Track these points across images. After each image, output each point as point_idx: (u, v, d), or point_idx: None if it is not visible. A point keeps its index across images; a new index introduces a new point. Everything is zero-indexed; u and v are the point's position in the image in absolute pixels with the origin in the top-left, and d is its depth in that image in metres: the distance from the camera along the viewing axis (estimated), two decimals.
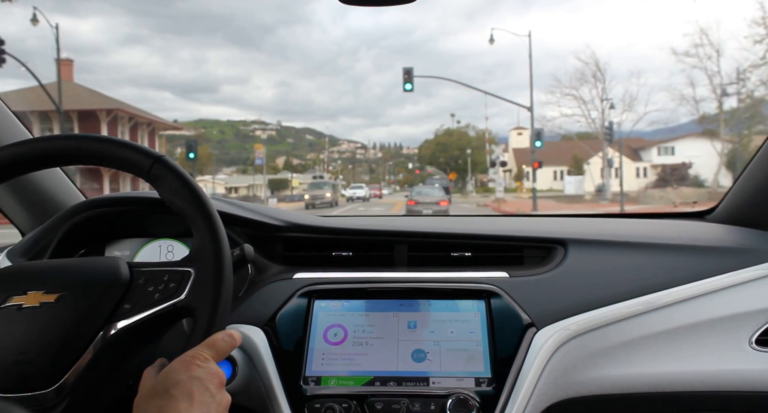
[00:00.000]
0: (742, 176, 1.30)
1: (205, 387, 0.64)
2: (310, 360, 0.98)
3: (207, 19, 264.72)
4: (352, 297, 1.06)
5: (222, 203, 1.18)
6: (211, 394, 0.64)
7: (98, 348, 0.73)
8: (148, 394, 0.64)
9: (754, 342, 1.00)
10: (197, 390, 0.63)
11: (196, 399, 0.62)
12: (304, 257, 1.21)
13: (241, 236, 1.15)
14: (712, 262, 1.08)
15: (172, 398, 0.62)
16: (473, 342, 0.98)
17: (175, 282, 0.77)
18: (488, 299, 1.03)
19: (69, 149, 0.81)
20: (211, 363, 0.69)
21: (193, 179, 0.81)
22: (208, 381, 0.65)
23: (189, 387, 0.63)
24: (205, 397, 0.63)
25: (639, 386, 0.99)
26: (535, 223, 1.34)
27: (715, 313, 1.02)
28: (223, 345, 0.72)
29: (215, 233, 0.78)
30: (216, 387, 0.66)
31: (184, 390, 0.63)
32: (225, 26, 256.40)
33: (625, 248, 1.13)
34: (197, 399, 0.63)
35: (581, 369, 0.99)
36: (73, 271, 0.80)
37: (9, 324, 0.73)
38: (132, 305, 0.76)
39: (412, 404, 0.91)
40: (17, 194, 1.29)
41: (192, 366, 0.66)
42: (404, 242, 1.19)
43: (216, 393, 0.65)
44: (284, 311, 1.03)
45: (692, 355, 1.00)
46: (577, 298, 1.02)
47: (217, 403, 0.64)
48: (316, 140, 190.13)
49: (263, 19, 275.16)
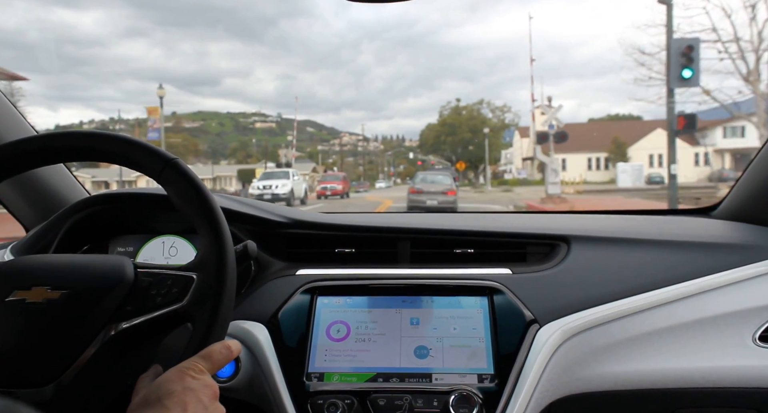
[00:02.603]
0: (747, 172, 1.30)
1: (198, 398, 0.64)
2: (312, 357, 0.98)
3: (208, 11, 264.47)
4: (355, 294, 1.06)
5: (225, 200, 1.19)
6: (204, 406, 0.64)
7: (98, 347, 0.73)
8: (140, 403, 0.64)
9: (758, 339, 1.00)
10: (191, 402, 0.63)
11: (189, 411, 0.62)
12: (307, 254, 1.21)
13: (244, 233, 1.15)
14: (715, 258, 1.08)
15: (164, 408, 0.62)
16: (476, 339, 0.99)
17: (178, 287, 0.76)
18: (491, 295, 1.03)
19: (82, 147, 0.81)
20: (206, 375, 0.69)
21: (204, 184, 0.80)
22: (202, 393, 0.65)
23: (182, 398, 0.63)
24: (198, 409, 0.63)
25: (642, 382, 0.99)
26: (538, 220, 1.34)
27: (719, 310, 1.02)
28: (220, 357, 0.72)
29: (221, 243, 0.77)
30: (209, 399, 0.66)
31: (178, 401, 0.63)
32: (227, 18, 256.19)
33: (628, 244, 1.13)
34: (190, 410, 0.63)
35: (584, 365, 0.99)
36: (79, 269, 0.79)
37: (11, 318, 0.73)
38: (134, 308, 0.76)
39: (415, 400, 0.92)
40: (22, 190, 1.29)
41: (186, 377, 0.66)
42: (407, 239, 1.20)
43: (209, 405, 0.65)
44: (287, 307, 1.03)
45: (695, 352, 1.00)
46: (580, 295, 1.02)
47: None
48: (317, 132, 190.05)
49: (265, 11, 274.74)
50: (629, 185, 27.16)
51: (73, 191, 1.37)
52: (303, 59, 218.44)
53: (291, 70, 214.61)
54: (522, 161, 51.81)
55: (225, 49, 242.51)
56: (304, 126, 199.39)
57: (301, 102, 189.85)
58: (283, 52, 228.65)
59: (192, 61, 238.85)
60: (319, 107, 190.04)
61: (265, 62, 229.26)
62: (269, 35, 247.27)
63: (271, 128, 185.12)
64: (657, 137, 33.18)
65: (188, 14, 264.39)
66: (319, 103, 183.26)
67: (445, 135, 54.36)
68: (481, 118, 53.72)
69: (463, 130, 52.63)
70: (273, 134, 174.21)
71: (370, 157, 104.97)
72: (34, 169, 0.83)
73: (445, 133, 54.35)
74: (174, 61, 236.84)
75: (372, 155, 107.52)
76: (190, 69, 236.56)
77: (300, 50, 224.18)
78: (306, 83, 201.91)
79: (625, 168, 30.06)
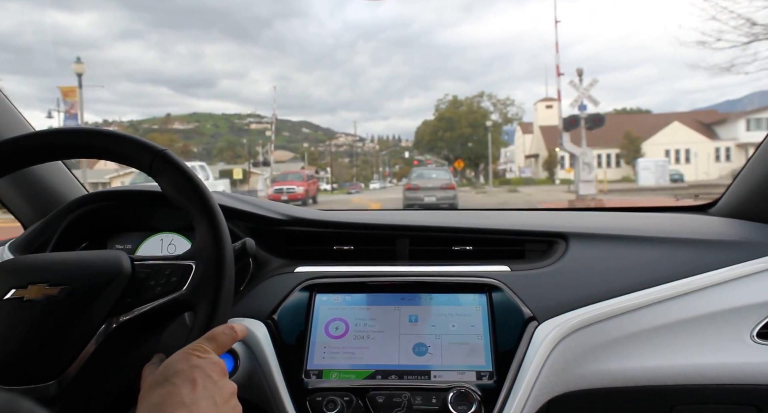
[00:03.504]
0: (745, 168, 1.30)
1: (206, 374, 0.64)
2: (311, 354, 0.98)
3: (203, 13, 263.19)
4: (354, 291, 1.06)
5: (223, 197, 1.18)
6: (213, 381, 0.64)
7: (100, 341, 0.73)
8: (149, 387, 0.64)
9: (756, 335, 1.00)
10: (199, 377, 0.63)
11: (199, 385, 0.62)
12: (305, 251, 1.21)
13: (242, 230, 1.15)
14: (713, 255, 1.08)
15: (174, 386, 0.62)
16: (474, 336, 0.99)
17: (176, 276, 0.77)
18: (489, 293, 1.03)
19: (72, 143, 0.81)
20: (212, 354, 0.69)
21: (195, 173, 0.81)
22: (210, 370, 0.65)
23: (190, 374, 0.63)
24: (208, 383, 0.63)
25: (640, 379, 1.00)
26: (537, 217, 1.34)
27: (717, 306, 1.02)
28: (224, 338, 0.72)
29: (217, 228, 0.78)
30: (218, 375, 0.66)
31: (186, 378, 0.63)
32: (222, 20, 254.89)
33: (626, 241, 1.14)
34: (200, 384, 0.63)
35: (582, 362, 0.99)
36: (76, 264, 0.80)
37: (10, 316, 0.73)
38: (133, 299, 0.76)
39: (414, 397, 0.92)
40: (19, 187, 1.29)
41: (192, 357, 0.66)
42: (406, 236, 1.20)
43: (218, 380, 0.65)
44: (286, 304, 1.03)
45: (694, 349, 1.00)
46: (578, 292, 1.03)
47: (219, 389, 0.64)
48: (313, 133, 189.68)
49: (260, 12, 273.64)
50: (651, 183, 23.38)
51: (71, 189, 1.36)
52: (299, 60, 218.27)
53: (287, 71, 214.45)
54: (525, 159, 49.04)
55: (220, 51, 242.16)
56: (300, 127, 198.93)
57: (297, 103, 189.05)
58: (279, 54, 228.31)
59: (187, 63, 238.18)
60: (315, 108, 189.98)
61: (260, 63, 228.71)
62: (265, 36, 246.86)
63: (267, 129, 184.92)
64: (674, 130, 30.73)
65: (183, 16, 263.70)
66: (315, 104, 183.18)
67: (442, 131, 49.20)
68: (481, 111, 48.97)
69: (463, 125, 47.54)
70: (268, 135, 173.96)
71: (365, 157, 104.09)
72: (20, 169, 0.83)
73: (443, 128, 49.20)
74: (169, 63, 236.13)
75: (368, 156, 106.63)
76: (186, 71, 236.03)
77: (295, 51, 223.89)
78: (302, 84, 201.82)
79: (648, 165, 25.79)
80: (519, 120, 49.49)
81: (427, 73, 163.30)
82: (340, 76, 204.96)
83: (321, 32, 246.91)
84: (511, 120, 50.17)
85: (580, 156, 14.85)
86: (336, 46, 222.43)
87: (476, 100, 50.58)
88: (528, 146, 47.78)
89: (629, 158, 32.95)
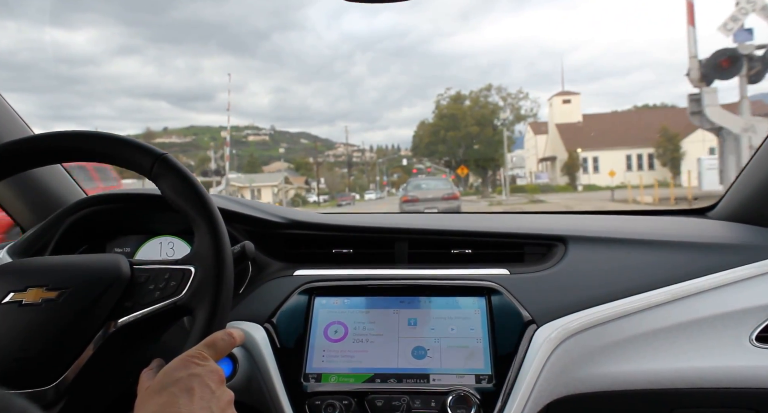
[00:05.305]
0: (744, 172, 1.30)
1: (204, 383, 0.64)
2: (310, 357, 0.98)
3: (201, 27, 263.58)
4: (353, 294, 1.06)
5: (223, 200, 1.19)
6: (211, 390, 0.64)
7: (98, 345, 0.73)
8: (147, 394, 0.64)
9: (755, 339, 1.00)
10: (197, 386, 0.63)
11: (196, 395, 0.62)
12: (304, 254, 1.21)
13: (241, 233, 1.15)
14: (712, 259, 1.08)
15: (171, 395, 0.61)
16: (474, 339, 0.98)
17: (175, 281, 0.77)
18: (489, 296, 1.03)
19: (72, 147, 0.81)
20: (210, 361, 0.68)
21: (195, 177, 0.81)
22: (208, 378, 0.65)
23: (188, 383, 0.63)
24: (205, 393, 0.63)
25: (639, 383, 0.99)
26: (536, 220, 1.34)
27: (716, 310, 1.02)
28: (223, 344, 0.72)
29: (216, 233, 0.77)
30: (216, 384, 0.65)
31: (184, 387, 0.62)
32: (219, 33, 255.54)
33: (625, 245, 1.14)
34: (197, 394, 0.62)
35: (582, 365, 0.99)
36: (74, 268, 0.79)
37: (8, 320, 0.73)
38: (132, 303, 0.76)
39: (413, 401, 0.91)
40: (18, 190, 1.29)
41: (190, 364, 0.66)
42: (405, 240, 1.20)
43: (216, 389, 0.65)
44: (285, 308, 1.03)
45: (693, 352, 1.00)
46: (577, 295, 1.02)
47: (217, 398, 0.64)
48: (311, 143, 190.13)
49: (257, 25, 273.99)
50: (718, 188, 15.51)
51: (70, 192, 1.36)
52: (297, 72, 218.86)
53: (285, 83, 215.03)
54: (538, 163, 42.16)
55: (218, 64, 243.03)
56: (298, 138, 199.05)
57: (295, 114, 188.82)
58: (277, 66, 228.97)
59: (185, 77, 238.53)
60: (313, 120, 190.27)
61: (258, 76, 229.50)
62: (262, 49, 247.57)
63: (264, 141, 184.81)
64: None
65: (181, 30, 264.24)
66: (314, 115, 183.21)
67: (444, 131, 40.75)
68: (489, 107, 41.17)
69: (468, 123, 39.47)
70: (266, 147, 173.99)
71: (362, 166, 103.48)
72: (21, 172, 0.83)
73: (444, 128, 40.83)
74: (167, 77, 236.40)
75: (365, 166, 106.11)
76: (184, 85, 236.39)
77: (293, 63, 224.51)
78: (300, 96, 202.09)
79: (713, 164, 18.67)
80: (534, 117, 42.96)
81: (424, 82, 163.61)
82: (338, 87, 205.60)
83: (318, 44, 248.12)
84: (524, 117, 43.07)
85: (741, 134, 8.54)
86: (333, 58, 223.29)
87: (483, 94, 42.34)
88: (541, 148, 40.99)
89: (666, 158, 28.64)
